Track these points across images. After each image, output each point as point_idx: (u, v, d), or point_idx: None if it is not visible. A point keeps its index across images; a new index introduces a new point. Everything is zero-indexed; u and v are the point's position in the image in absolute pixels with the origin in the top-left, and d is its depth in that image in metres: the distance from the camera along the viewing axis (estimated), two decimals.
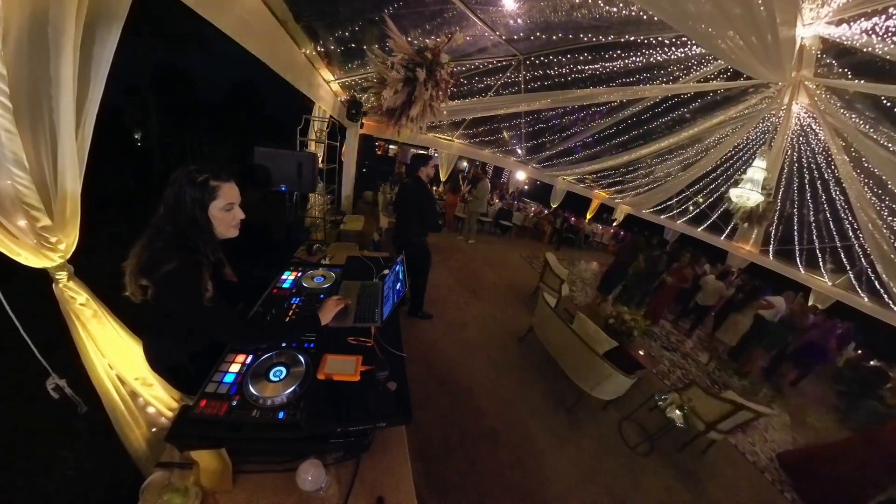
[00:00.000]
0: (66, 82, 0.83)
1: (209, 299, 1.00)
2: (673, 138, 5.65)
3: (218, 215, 1.05)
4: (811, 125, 4.57)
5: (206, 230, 1.04)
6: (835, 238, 6.23)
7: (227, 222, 1.08)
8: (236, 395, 1.01)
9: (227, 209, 1.06)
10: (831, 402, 4.96)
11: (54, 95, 0.82)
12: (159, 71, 15.48)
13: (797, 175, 5.82)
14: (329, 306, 1.33)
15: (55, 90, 0.82)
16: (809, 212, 6.30)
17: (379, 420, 1.00)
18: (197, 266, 1.00)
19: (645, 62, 3.45)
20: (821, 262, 6.82)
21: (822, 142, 4.63)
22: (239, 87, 19.66)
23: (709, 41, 2.07)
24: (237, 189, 1.09)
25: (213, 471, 0.86)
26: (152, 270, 0.95)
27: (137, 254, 0.98)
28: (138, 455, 1.28)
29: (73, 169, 0.92)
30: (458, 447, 2.23)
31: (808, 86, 3.54)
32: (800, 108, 4.20)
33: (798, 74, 3.36)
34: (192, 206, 1.00)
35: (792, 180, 5.97)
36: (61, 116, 0.85)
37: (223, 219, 1.06)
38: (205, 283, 1.00)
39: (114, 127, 12.47)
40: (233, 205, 1.07)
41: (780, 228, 7.09)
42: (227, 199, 1.05)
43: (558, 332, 3.02)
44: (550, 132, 6.58)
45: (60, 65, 0.80)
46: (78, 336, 1.10)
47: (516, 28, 3.08)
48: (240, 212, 1.11)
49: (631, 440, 2.74)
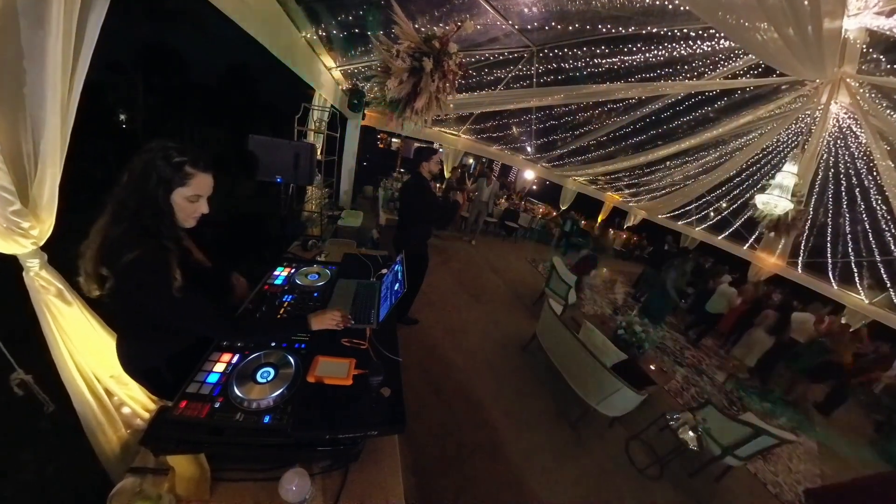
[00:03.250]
0: (51, 55, 0.81)
1: (178, 289, 0.97)
2: (695, 139, 5.58)
3: (181, 203, 1.02)
4: (851, 127, 4.42)
5: (165, 214, 1.00)
6: (874, 251, 6.06)
7: (188, 213, 1.05)
8: (220, 397, 1.00)
9: (192, 200, 1.03)
10: (867, 433, 4.80)
11: (36, 69, 0.81)
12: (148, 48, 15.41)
13: (832, 181, 5.66)
14: (326, 318, 1.26)
15: (37, 63, 0.81)
16: (845, 222, 6.12)
17: (370, 428, 0.99)
18: (162, 253, 0.97)
19: (667, 56, 3.42)
20: (857, 277, 6.63)
21: (864, 146, 4.50)
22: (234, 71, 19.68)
23: (740, 34, 2.03)
24: (212, 182, 1.06)
25: (189, 478, 0.85)
26: (113, 260, 0.92)
27: (99, 234, 0.95)
28: (109, 459, 1.26)
29: (55, 150, 0.91)
30: (453, 461, 2.21)
31: (849, 83, 3.40)
32: (839, 107, 4.06)
33: (839, 71, 3.19)
34: (156, 185, 0.96)
35: (826, 187, 5.82)
36: (45, 93, 0.84)
37: (185, 208, 1.03)
38: (172, 272, 0.96)
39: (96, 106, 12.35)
40: (199, 197, 1.05)
41: (810, 239, 6.94)
42: (196, 190, 1.02)
43: (564, 341, 3.00)
44: (562, 130, 6.56)
45: (43, 36, 0.79)
46: (49, 329, 1.09)
47: (530, 17, 3.08)
48: (204, 205, 1.07)
49: (639, 461, 2.71)
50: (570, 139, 6.88)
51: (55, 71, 0.84)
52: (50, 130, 0.88)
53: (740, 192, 7.27)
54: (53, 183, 0.95)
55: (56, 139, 0.90)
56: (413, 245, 2.93)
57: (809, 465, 3.48)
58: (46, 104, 0.85)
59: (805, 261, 7.32)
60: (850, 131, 4.53)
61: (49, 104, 0.85)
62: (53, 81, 0.84)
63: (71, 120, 0.95)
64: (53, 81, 0.84)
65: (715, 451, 2.65)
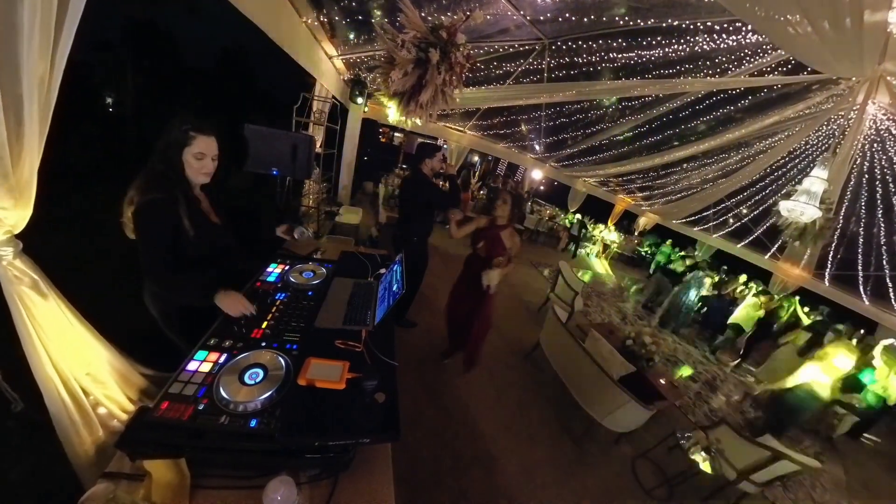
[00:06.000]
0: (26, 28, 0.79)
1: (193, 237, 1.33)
2: (715, 140, 5.53)
3: (190, 161, 1.35)
4: (890, 129, 4.33)
5: (177, 170, 1.35)
6: None
7: (197, 169, 1.38)
8: (204, 398, 0.99)
9: (197, 157, 1.35)
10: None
11: (11, 43, 0.79)
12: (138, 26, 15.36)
13: (866, 188, 5.54)
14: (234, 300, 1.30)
15: (13, 36, 0.79)
16: (880, 232, 5.98)
17: (363, 435, 0.98)
18: (170, 202, 1.29)
19: (689, 51, 3.40)
20: (892, 292, 6.47)
21: None
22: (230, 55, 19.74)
23: (770, 27, 1.99)
24: (215, 144, 1.39)
25: (167, 484, 0.84)
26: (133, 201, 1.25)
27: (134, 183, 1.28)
28: (81, 462, 1.23)
29: (34, 132, 0.89)
30: (448, 473, 2.20)
31: (890, 82, 3.24)
32: (876, 108, 3.96)
33: (879, 68, 3.02)
34: (169, 147, 1.32)
35: (859, 194, 5.70)
36: (22, 70, 0.82)
37: (193, 165, 1.36)
38: (179, 219, 1.31)
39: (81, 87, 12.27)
40: (204, 155, 1.37)
41: (839, 250, 6.80)
42: (199, 148, 1.34)
43: (568, 350, 2.99)
44: (573, 128, 6.55)
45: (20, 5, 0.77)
46: (21, 322, 1.06)
47: (543, 7, 3.08)
48: (210, 163, 1.41)
49: (646, 482, 2.68)
50: (581, 138, 6.87)
51: (34, 46, 0.81)
52: (28, 111, 0.86)
53: (762, 197, 7.21)
54: (32, 168, 0.94)
55: (36, 120, 0.89)
56: (414, 241, 2.95)
57: (836, 496, 3.32)
58: (23, 82, 0.83)
59: (833, 273, 7.19)
60: (889, 134, 4.41)
61: (27, 82, 0.83)
62: (32, 58, 0.82)
63: (52, 100, 0.94)
64: (32, 58, 0.82)
65: (729, 475, 2.59)
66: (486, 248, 2.62)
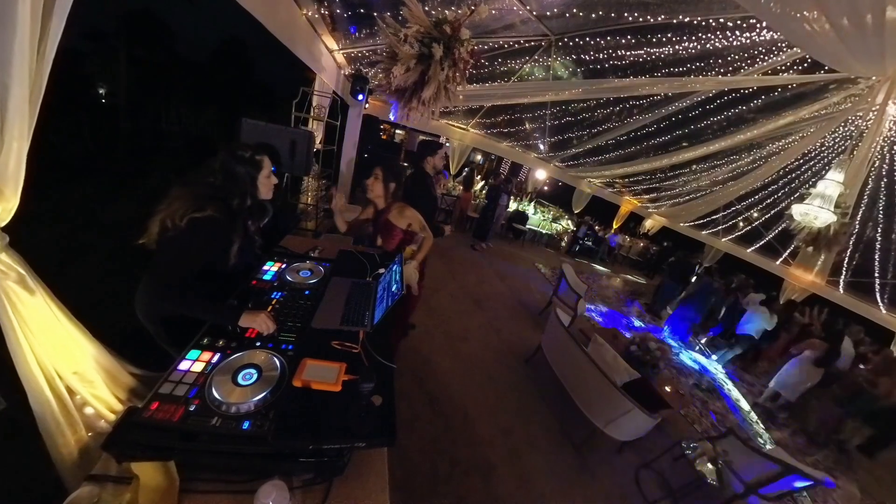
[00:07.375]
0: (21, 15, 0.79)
1: (232, 264, 1.39)
2: (726, 141, 5.51)
3: (263, 181, 1.48)
4: None
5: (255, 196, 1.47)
6: None
7: (269, 186, 1.52)
8: (195, 399, 0.98)
9: (267, 176, 1.50)
10: None
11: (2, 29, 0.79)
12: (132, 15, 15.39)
13: (885, 192, 5.45)
14: (259, 320, 1.26)
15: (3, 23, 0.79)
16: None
17: (358, 439, 0.98)
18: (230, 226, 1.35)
19: (700, 49, 3.39)
20: None
21: None
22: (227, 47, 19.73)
23: (786, 24, 1.97)
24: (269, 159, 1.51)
25: (155, 488, 0.83)
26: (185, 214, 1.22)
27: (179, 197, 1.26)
28: (65, 464, 1.22)
29: (22, 120, 0.89)
30: (445, 479, 2.19)
31: None
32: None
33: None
34: (244, 176, 1.41)
35: (877, 198, 5.61)
36: (10, 56, 0.81)
37: (265, 184, 1.50)
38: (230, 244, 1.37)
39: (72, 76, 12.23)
40: (271, 171, 1.52)
41: (855, 256, 6.70)
42: (267, 168, 1.48)
43: (570, 355, 2.98)
44: (579, 127, 6.56)
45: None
46: (6, 318, 1.05)
47: (550, 3, 3.08)
48: (274, 177, 1.55)
49: (650, 493, 2.67)
50: (586, 137, 6.86)
51: (23, 31, 0.81)
52: (16, 99, 0.85)
53: (774, 200, 7.14)
54: (19, 158, 0.93)
55: (24, 109, 0.88)
56: None
57: None
58: (12, 69, 0.82)
59: (848, 280, 7.12)
60: None
61: (16, 69, 0.83)
62: (21, 43, 0.81)
63: (41, 89, 0.93)
64: (21, 43, 0.81)
65: (737, 488, 2.57)
66: (385, 241, 2.29)
